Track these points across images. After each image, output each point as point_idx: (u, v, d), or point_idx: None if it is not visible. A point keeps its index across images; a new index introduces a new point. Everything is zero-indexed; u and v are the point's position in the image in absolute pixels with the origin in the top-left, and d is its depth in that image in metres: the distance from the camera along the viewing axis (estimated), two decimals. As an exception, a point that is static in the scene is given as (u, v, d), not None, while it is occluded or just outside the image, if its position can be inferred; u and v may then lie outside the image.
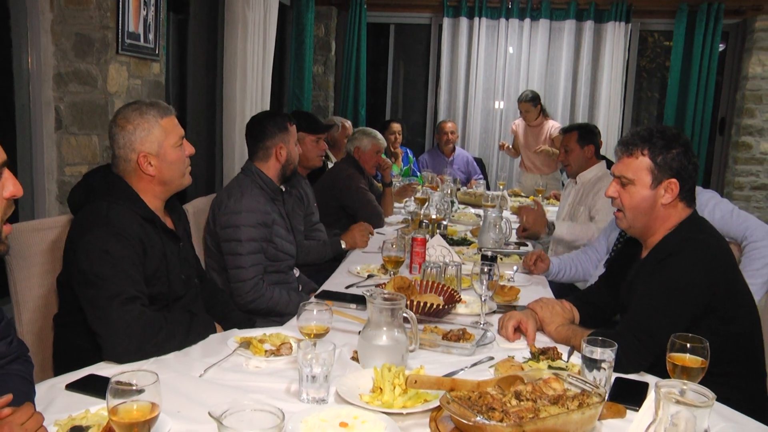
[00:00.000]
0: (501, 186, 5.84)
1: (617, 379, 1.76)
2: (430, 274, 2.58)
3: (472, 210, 4.95)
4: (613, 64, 6.80)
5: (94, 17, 3.29)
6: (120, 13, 3.35)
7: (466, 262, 3.02)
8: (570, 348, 2.01)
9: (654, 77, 8.19)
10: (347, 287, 2.70)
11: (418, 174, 6.23)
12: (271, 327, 2.14)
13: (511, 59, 6.98)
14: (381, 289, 2.44)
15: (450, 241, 3.56)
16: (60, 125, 3.36)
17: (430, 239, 3.14)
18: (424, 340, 1.99)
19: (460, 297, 2.42)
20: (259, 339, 1.94)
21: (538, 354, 1.91)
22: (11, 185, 1.37)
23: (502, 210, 4.25)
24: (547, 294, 2.74)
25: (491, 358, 1.92)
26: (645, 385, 1.76)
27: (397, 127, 6.33)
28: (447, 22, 6.96)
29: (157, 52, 3.74)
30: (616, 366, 1.65)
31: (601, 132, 4.40)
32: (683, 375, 1.59)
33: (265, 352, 1.87)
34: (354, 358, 1.88)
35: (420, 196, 4.56)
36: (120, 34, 3.37)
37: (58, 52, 3.32)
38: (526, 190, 6.03)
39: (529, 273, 3.04)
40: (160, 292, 2.04)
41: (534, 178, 6.05)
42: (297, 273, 3.12)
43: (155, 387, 1.26)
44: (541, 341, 2.08)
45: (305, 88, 6.51)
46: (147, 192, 2.06)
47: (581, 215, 3.81)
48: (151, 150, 2.03)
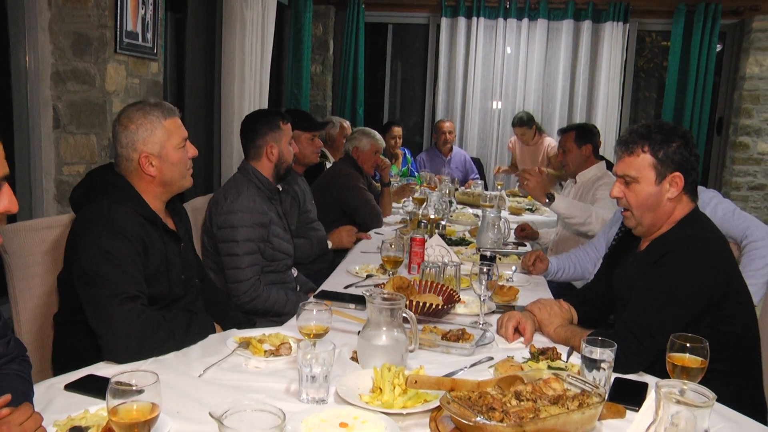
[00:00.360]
0: (499, 186, 5.85)
1: (617, 379, 1.76)
2: (429, 274, 2.58)
3: (470, 210, 4.95)
4: (611, 64, 6.81)
5: (92, 16, 3.29)
6: (118, 12, 3.34)
7: (465, 262, 3.03)
8: (569, 348, 2.01)
9: (651, 77, 8.21)
10: (346, 287, 2.70)
11: (417, 174, 6.23)
12: (271, 327, 2.13)
13: (508, 59, 6.98)
14: (380, 289, 2.44)
15: (449, 241, 3.56)
16: (58, 124, 3.36)
17: (428, 239, 3.14)
18: (424, 340, 1.99)
19: (459, 297, 2.42)
20: (258, 339, 1.94)
21: (538, 354, 1.91)
22: (6, 200, 1.35)
23: (501, 210, 4.25)
24: (546, 294, 2.74)
25: (491, 358, 1.92)
26: (644, 385, 1.76)
27: (398, 130, 6.34)
28: (445, 22, 6.97)
29: (155, 51, 3.74)
30: (615, 366, 1.65)
31: (599, 132, 4.40)
32: (683, 375, 1.59)
33: (264, 352, 1.86)
34: (353, 358, 1.88)
35: (418, 196, 4.56)
36: (118, 33, 3.37)
37: (56, 50, 3.31)
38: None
39: (528, 273, 3.04)
40: (161, 293, 2.03)
41: None
42: (295, 273, 3.11)
43: (155, 387, 1.26)
44: (540, 341, 2.08)
45: (303, 87, 6.50)
46: (148, 192, 2.06)
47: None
48: (153, 150, 2.03)
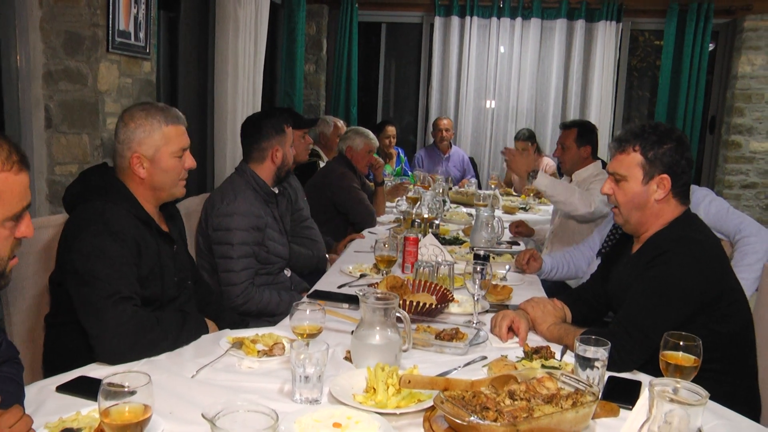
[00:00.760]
0: (493, 185, 5.85)
1: (610, 377, 1.76)
2: (422, 273, 2.57)
3: (464, 209, 4.95)
4: (604, 63, 6.82)
5: (84, 15, 3.27)
6: (110, 11, 3.32)
7: (459, 262, 3.02)
8: (563, 347, 2.01)
9: (645, 76, 8.23)
10: (340, 287, 2.69)
11: (410, 173, 6.23)
12: (264, 327, 2.13)
13: (502, 58, 6.99)
14: (374, 288, 2.44)
15: (442, 240, 3.56)
16: (50, 124, 3.34)
17: (422, 238, 3.13)
18: (417, 339, 1.99)
19: (452, 296, 2.42)
20: (251, 339, 1.93)
21: (532, 353, 1.91)
22: (24, 226, 1.43)
23: (494, 209, 4.25)
24: (540, 293, 2.74)
25: (484, 358, 1.91)
26: (638, 383, 1.76)
27: (392, 130, 6.35)
28: (438, 21, 6.96)
29: (148, 50, 3.72)
30: (609, 364, 1.65)
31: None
32: (676, 373, 1.59)
33: (257, 352, 1.86)
34: (347, 358, 1.87)
35: (412, 195, 4.55)
36: (110, 32, 3.35)
37: (48, 49, 3.29)
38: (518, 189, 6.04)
39: (522, 272, 3.04)
40: (153, 294, 2.03)
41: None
42: (288, 273, 3.11)
43: (147, 388, 1.25)
44: (533, 340, 2.08)
45: (296, 86, 6.49)
46: (138, 194, 2.05)
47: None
48: (146, 153, 2.02)
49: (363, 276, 2.87)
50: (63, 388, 1.59)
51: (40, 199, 3.36)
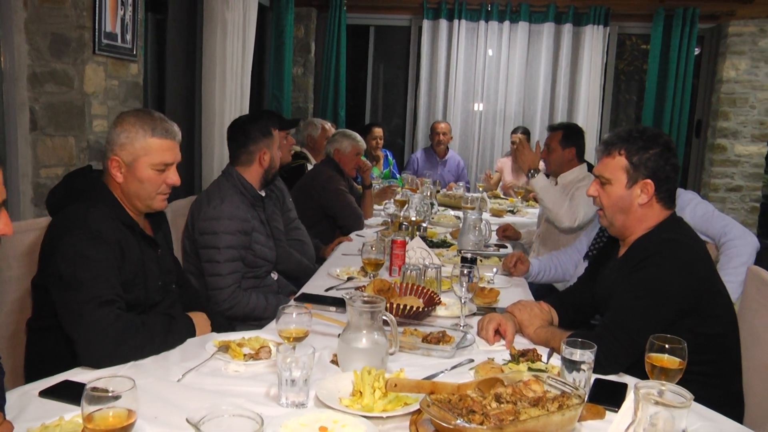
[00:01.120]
0: (480, 188, 5.86)
1: (596, 380, 1.77)
2: (409, 276, 2.57)
3: (451, 212, 4.96)
4: (592, 66, 6.86)
5: (70, 16, 3.25)
6: (96, 13, 3.30)
7: (446, 264, 3.02)
8: (549, 350, 2.02)
9: (632, 80, 8.28)
10: (327, 290, 2.69)
11: (398, 176, 6.24)
12: (250, 330, 2.12)
13: (490, 61, 7.01)
14: (361, 291, 2.44)
15: (430, 243, 3.56)
16: (35, 126, 3.31)
17: (409, 241, 3.14)
18: (404, 342, 1.99)
19: (439, 299, 2.42)
20: (237, 343, 1.92)
21: (518, 356, 1.91)
22: (2, 223, 1.39)
23: (482, 212, 4.26)
24: (527, 295, 2.75)
25: (471, 361, 1.92)
26: (624, 386, 1.77)
27: (378, 131, 6.35)
28: (427, 24, 6.98)
29: (135, 52, 3.70)
30: (595, 367, 1.65)
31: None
32: (661, 375, 1.60)
33: (243, 355, 1.85)
34: (334, 362, 1.87)
35: (400, 198, 4.56)
36: (97, 33, 3.33)
37: (33, 51, 3.27)
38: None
39: (509, 275, 3.05)
40: (137, 299, 2.01)
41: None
42: (275, 277, 3.10)
43: (132, 393, 1.24)
44: (520, 343, 2.09)
45: (285, 89, 6.48)
46: (120, 198, 2.04)
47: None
48: (124, 158, 2.01)
49: (350, 279, 2.87)
50: (46, 393, 1.58)
51: (24, 202, 3.33)
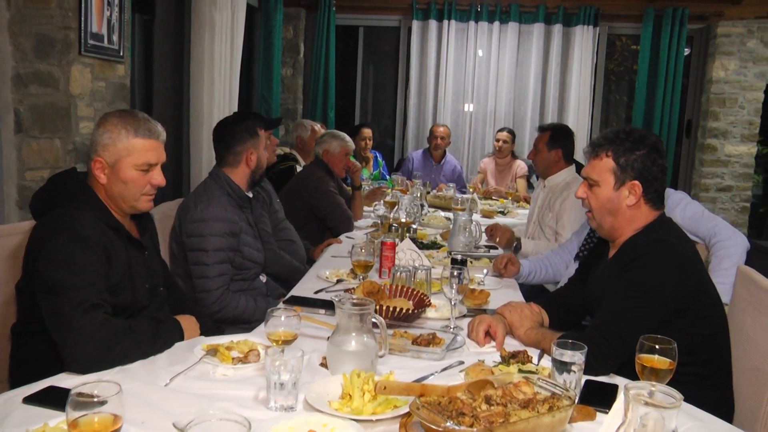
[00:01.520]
0: (470, 189, 5.87)
1: (587, 381, 1.77)
2: (399, 278, 2.57)
3: (442, 213, 4.96)
4: (582, 67, 6.89)
5: (55, 17, 3.23)
6: (82, 13, 3.28)
7: (436, 266, 3.02)
8: (540, 351, 2.02)
9: (622, 80, 8.32)
10: (316, 292, 2.68)
11: (388, 177, 6.23)
12: (239, 334, 2.11)
13: (480, 62, 7.02)
14: (350, 293, 2.43)
15: (420, 244, 3.56)
16: (20, 128, 3.29)
17: (399, 243, 3.13)
18: (394, 345, 1.98)
19: (429, 301, 2.42)
20: (226, 346, 1.91)
21: (509, 358, 1.92)
22: None
23: (472, 213, 4.26)
24: (518, 297, 2.76)
25: (461, 363, 1.91)
26: (614, 387, 1.77)
27: (368, 132, 6.34)
28: (416, 25, 6.99)
29: (122, 53, 3.68)
30: (585, 368, 1.66)
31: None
32: (652, 376, 1.60)
33: (232, 359, 1.84)
34: (323, 365, 1.86)
35: (389, 199, 4.55)
36: (82, 34, 3.31)
37: (17, 52, 3.24)
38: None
39: (500, 276, 3.05)
40: (125, 302, 2.00)
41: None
42: (264, 279, 3.09)
43: (118, 398, 1.23)
44: (511, 345, 2.09)
45: (274, 90, 6.47)
46: (105, 200, 2.03)
47: (549, 221, 3.82)
48: (107, 159, 2.00)
49: (340, 281, 2.86)
50: (30, 399, 1.56)
51: (9, 205, 3.30)
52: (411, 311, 2.26)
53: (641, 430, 1.20)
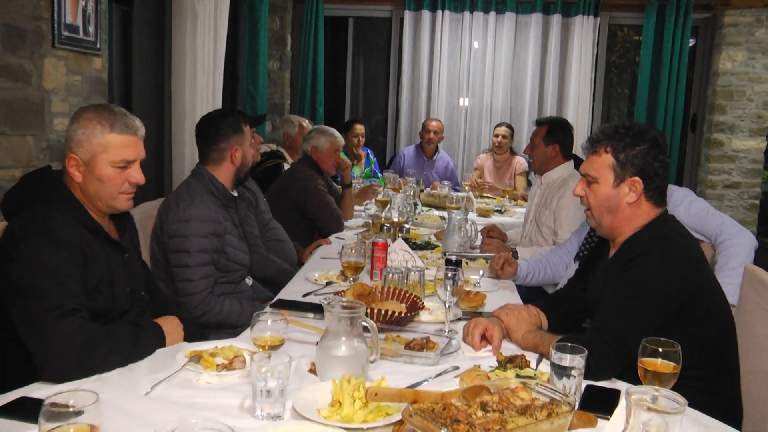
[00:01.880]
0: (466, 187, 5.88)
1: (588, 386, 1.78)
2: (391, 280, 2.57)
3: (436, 212, 4.96)
4: (582, 59, 6.90)
5: (26, 7, 3.20)
6: (55, 3, 3.26)
7: (430, 267, 3.02)
8: (538, 355, 2.02)
9: (624, 73, 8.34)
10: (304, 295, 2.69)
11: (380, 175, 6.23)
12: (224, 339, 2.11)
13: (475, 54, 7.04)
14: (340, 296, 2.43)
15: (413, 245, 3.57)
16: (-10, 125, 3.27)
17: (391, 243, 3.14)
18: (386, 349, 1.99)
19: (423, 304, 2.43)
20: (210, 352, 1.91)
21: (506, 362, 1.92)
22: None
23: (468, 212, 4.27)
24: (515, 299, 2.76)
25: (456, 368, 1.92)
26: (616, 392, 1.77)
27: (360, 128, 6.33)
28: (408, 16, 6.99)
29: (99, 46, 3.67)
30: (586, 372, 1.66)
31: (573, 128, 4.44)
32: (655, 380, 1.61)
33: (216, 366, 1.84)
34: (312, 371, 1.86)
35: (381, 198, 4.55)
36: (56, 26, 3.29)
37: (-15, 45, 3.22)
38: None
39: (496, 277, 3.06)
40: (104, 307, 1.99)
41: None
42: (250, 282, 3.09)
43: (95, 407, 1.23)
44: (508, 349, 2.09)
45: (260, 84, 6.45)
46: (82, 199, 2.02)
47: (546, 220, 3.82)
48: (82, 156, 1.99)
49: (329, 284, 2.86)
50: (1, 411, 1.54)
51: (-20, 205, 3.28)
52: (404, 314, 2.26)
53: (644, 437, 1.21)
